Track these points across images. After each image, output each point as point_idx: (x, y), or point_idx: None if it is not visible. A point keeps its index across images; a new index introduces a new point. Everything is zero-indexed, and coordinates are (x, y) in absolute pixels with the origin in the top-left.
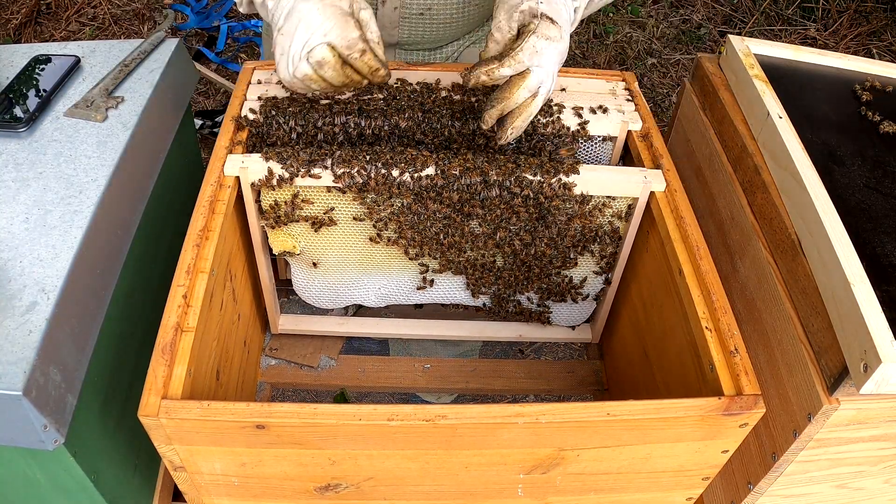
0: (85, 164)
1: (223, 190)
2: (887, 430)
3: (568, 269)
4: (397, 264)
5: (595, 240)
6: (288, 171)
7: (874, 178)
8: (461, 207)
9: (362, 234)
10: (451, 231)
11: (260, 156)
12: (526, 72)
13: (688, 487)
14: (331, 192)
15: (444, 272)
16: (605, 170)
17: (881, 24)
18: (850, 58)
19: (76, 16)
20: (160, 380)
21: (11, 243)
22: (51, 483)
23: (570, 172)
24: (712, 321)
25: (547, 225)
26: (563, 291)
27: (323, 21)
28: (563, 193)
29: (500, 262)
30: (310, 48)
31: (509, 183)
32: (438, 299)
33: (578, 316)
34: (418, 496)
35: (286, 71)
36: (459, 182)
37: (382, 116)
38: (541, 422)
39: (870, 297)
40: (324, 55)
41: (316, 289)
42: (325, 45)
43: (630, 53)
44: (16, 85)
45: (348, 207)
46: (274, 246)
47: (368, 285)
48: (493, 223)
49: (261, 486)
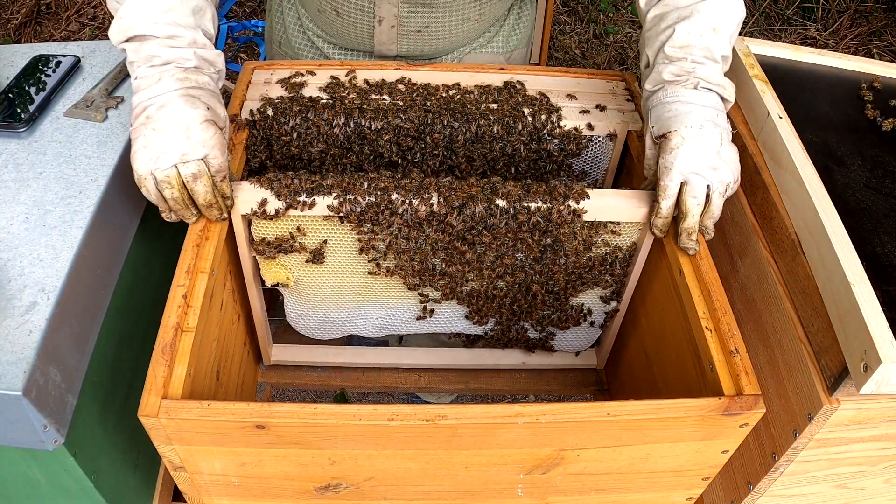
0: (85, 164)
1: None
2: (887, 430)
3: (575, 297)
4: (396, 293)
5: (604, 265)
6: (283, 200)
7: (874, 178)
8: (464, 236)
9: (360, 263)
10: (454, 260)
11: (250, 183)
12: (683, 185)
13: (688, 487)
14: (327, 221)
15: (446, 301)
16: (614, 194)
17: (881, 24)
18: (850, 58)
19: (76, 16)
20: (160, 380)
21: (11, 243)
22: (51, 483)
23: (580, 198)
24: (712, 321)
25: (555, 252)
26: (568, 318)
27: (205, 138)
28: (573, 220)
29: (504, 290)
30: (188, 159)
31: (515, 210)
32: (439, 329)
33: (583, 342)
34: (418, 496)
35: (145, 165)
36: (463, 212)
37: (383, 116)
38: (541, 422)
39: (870, 297)
40: (200, 168)
41: (310, 319)
42: (202, 161)
43: (630, 53)
44: (16, 85)
45: (345, 237)
46: (266, 277)
47: (366, 315)
48: (498, 251)
49: (261, 486)
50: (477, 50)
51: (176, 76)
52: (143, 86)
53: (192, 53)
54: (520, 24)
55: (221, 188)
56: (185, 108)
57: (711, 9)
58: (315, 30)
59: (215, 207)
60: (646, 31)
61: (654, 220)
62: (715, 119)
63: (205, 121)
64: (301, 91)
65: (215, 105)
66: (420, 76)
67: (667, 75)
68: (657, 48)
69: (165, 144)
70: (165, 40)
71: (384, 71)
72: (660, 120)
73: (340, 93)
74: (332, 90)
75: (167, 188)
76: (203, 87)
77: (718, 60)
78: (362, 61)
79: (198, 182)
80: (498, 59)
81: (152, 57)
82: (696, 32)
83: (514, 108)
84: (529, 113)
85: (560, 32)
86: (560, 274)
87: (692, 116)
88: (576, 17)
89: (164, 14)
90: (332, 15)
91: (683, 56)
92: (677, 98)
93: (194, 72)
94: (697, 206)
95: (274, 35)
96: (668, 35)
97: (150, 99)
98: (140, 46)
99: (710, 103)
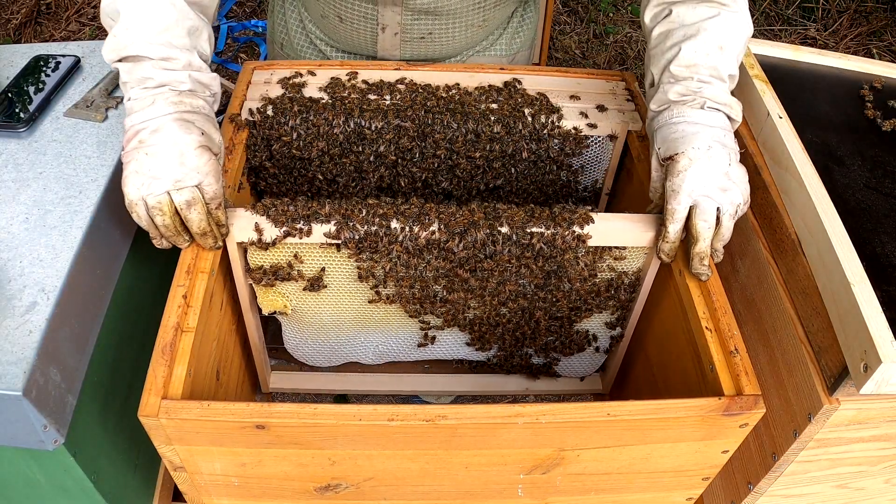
0: (85, 164)
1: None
2: (887, 430)
3: (580, 323)
4: (397, 321)
5: (609, 291)
6: (280, 228)
7: (874, 178)
8: (466, 263)
9: (359, 291)
10: (455, 287)
11: (246, 210)
12: (692, 208)
13: (688, 487)
14: (325, 249)
15: (448, 328)
16: (619, 218)
17: (881, 24)
18: (850, 58)
19: (76, 16)
20: (160, 380)
21: (11, 243)
22: (51, 483)
23: (584, 223)
24: (712, 321)
25: (559, 278)
26: (573, 344)
27: (199, 164)
28: (577, 246)
29: (507, 317)
30: (182, 186)
31: (517, 236)
32: (441, 355)
33: (588, 367)
34: (418, 496)
35: (136, 191)
36: (465, 239)
37: (383, 116)
38: (541, 422)
39: (870, 297)
40: (194, 196)
41: (309, 347)
42: (196, 188)
43: (630, 53)
44: (16, 85)
45: (344, 264)
46: (263, 306)
47: (366, 343)
48: (501, 277)
49: (261, 487)
50: (480, 53)
51: (170, 99)
52: (136, 108)
53: (186, 76)
54: (523, 26)
55: (216, 216)
56: (179, 132)
57: (718, 27)
58: (318, 33)
59: (210, 236)
60: (651, 49)
61: (662, 244)
62: (723, 139)
63: (199, 146)
64: (301, 91)
65: (210, 130)
66: (420, 76)
67: (673, 95)
68: (662, 67)
69: (158, 170)
70: (160, 62)
71: (384, 71)
72: (666, 141)
73: (341, 93)
74: (333, 90)
75: (158, 215)
76: (198, 112)
77: (725, 79)
78: (363, 62)
79: (192, 210)
80: (501, 61)
81: (146, 79)
82: (703, 51)
83: (515, 108)
84: (529, 113)
85: (560, 32)
86: (564, 300)
87: (699, 137)
88: (576, 17)
89: (160, 34)
90: (336, 21)
91: (690, 75)
92: (684, 118)
93: (189, 95)
94: (708, 229)
95: (276, 37)
96: (673, 54)
97: (143, 122)
98: (133, 67)
99: (717, 123)
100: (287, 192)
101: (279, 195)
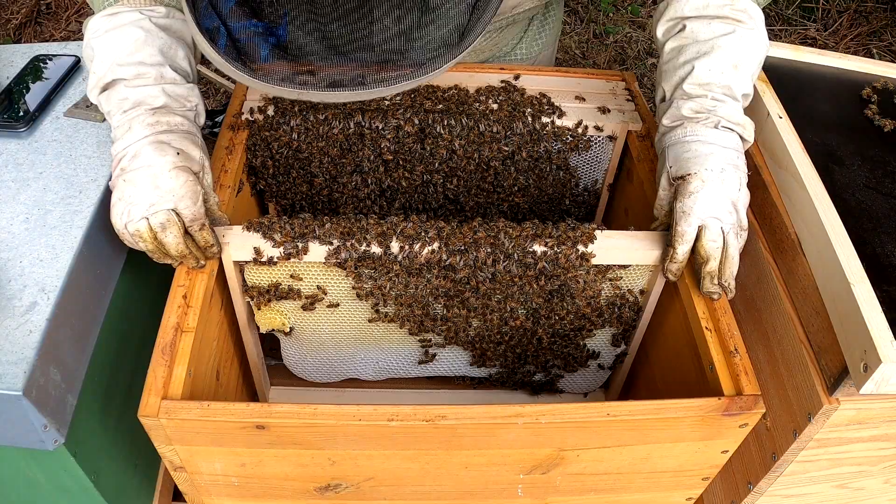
0: (85, 164)
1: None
2: (887, 430)
3: (584, 340)
4: (397, 338)
5: (613, 309)
6: (278, 248)
7: (874, 178)
8: (467, 281)
9: (358, 309)
10: (456, 305)
11: (242, 228)
12: (701, 228)
13: (688, 487)
14: (323, 267)
15: (448, 346)
16: (624, 235)
17: (881, 24)
18: (850, 58)
19: (76, 16)
20: (160, 380)
21: (11, 243)
22: (51, 483)
23: (588, 241)
24: (712, 321)
25: (562, 296)
26: (575, 361)
27: (174, 186)
28: (580, 264)
29: (509, 334)
30: (156, 210)
31: (519, 255)
32: (442, 372)
33: (592, 383)
34: (418, 496)
35: (119, 219)
36: (466, 257)
37: (383, 117)
38: (541, 422)
39: (870, 297)
40: (168, 218)
41: (309, 364)
42: (172, 211)
43: (630, 53)
44: (16, 85)
45: (342, 282)
46: (261, 324)
47: (366, 360)
48: (503, 294)
49: (261, 487)
50: (500, 59)
51: (146, 121)
52: (118, 136)
53: (159, 90)
54: (545, 28)
55: (202, 237)
56: (153, 155)
57: (733, 44)
58: None
59: (190, 258)
60: (663, 64)
61: (669, 264)
62: (735, 162)
63: (174, 168)
64: None
65: (188, 148)
66: None
67: (686, 111)
68: (675, 84)
69: (135, 196)
70: (132, 80)
71: None
72: (679, 160)
73: None
74: None
75: (140, 241)
76: (174, 130)
77: (739, 99)
78: None
79: (167, 233)
80: (523, 63)
81: (122, 101)
82: (717, 70)
83: (515, 108)
84: (529, 113)
85: (560, 32)
86: (567, 318)
87: (713, 159)
88: (576, 17)
89: (130, 55)
90: None
91: (703, 93)
92: (697, 138)
93: (164, 112)
94: (717, 249)
95: None
96: (686, 71)
97: (124, 149)
98: (111, 94)
99: (731, 144)
100: (287, 192)
101: (279, 195)
